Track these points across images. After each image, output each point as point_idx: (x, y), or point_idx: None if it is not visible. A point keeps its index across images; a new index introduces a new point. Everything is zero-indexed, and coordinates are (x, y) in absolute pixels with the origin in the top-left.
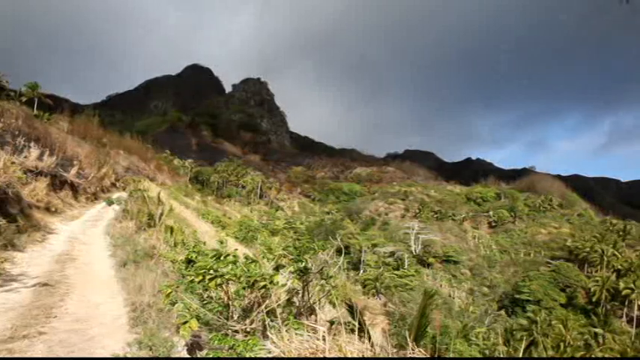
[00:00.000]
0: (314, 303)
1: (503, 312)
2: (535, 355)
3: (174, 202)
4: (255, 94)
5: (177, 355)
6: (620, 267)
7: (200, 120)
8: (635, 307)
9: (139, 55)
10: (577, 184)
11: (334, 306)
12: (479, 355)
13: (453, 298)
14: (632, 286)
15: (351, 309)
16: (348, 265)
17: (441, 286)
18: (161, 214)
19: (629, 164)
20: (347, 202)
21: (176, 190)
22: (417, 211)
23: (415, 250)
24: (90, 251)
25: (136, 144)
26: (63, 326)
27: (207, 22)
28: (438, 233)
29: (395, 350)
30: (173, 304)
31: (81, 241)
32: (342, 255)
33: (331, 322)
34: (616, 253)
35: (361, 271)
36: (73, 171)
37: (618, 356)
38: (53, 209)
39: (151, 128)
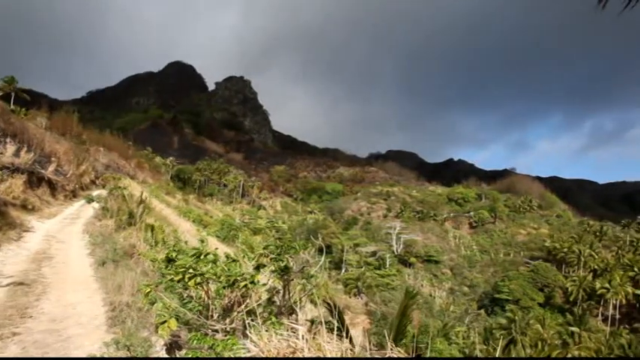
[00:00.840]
0: (295, 302)
1: (482, 311)
2: (514, 354)
3: (155, 201)
4: (238, 92)
5: (155, 355)
6: (596, 267)
7: (182, 117)
8: (610, 306)
9: (119, 51)
10: (555, 185)
11: (316, 305)
12: (458, 354)
13: (434, 297)
14: (607, 285)
15: (332, 308)
16: (330, 265)
17: (422, 285)
18: (141, 213)
19: (607, 166)
20: (329, 202)
21: (157, 189)
22: (399, 211)
23: (397, 250)
24: (68, 250)
25: (116, 141)
26: (38, 326)
27: (190, 18)
28: (419, 233)
29: (375, 349)
30: (152, 303)
31: (58, 239)
32: (324, 254)
33: (312, 322)
34: (593, 253)
35: (343, 270)
36: (51, 168)
37: (594, 355)
38: (30, 207)
39: (132, 125)
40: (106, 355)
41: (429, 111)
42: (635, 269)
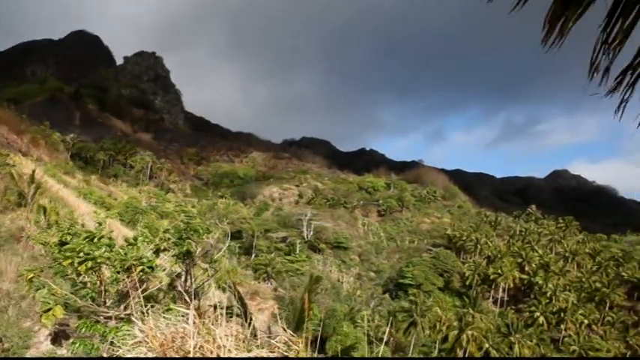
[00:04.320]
0: (198, 287)
1: (387, 296)
2: (414, 336)
3: (51, 181)
4: (149, 68)
5: (38, 345)
6: (490, 254)
7: (85, 92)
8: (500, 290)
9: (14, 12)
10: (458, 178)
11: (224, 291)
12: (363, 337)
13: (342, 282)
14: (499, 271)
15: (235, 293)
16: (240, 250)
17: (330, 271)
18: (33, 193)
19: (513, 160)
20: (241, 187)
21: (54, 167)
22: (311, 198)
23: (307, 236)
24: None
25: (6, 113)
26: None
27: None
28: (329, 220)
29: (268, 334)
30: (38, 290)
31: None
32: (229, 238)
33: (214, 307)
34: (488, 241)
35: (253, 255)
36: None
37: (484, 335)
38: None
39: (26, 97)
40: None
41: (352, 95)
42: (523, 256)
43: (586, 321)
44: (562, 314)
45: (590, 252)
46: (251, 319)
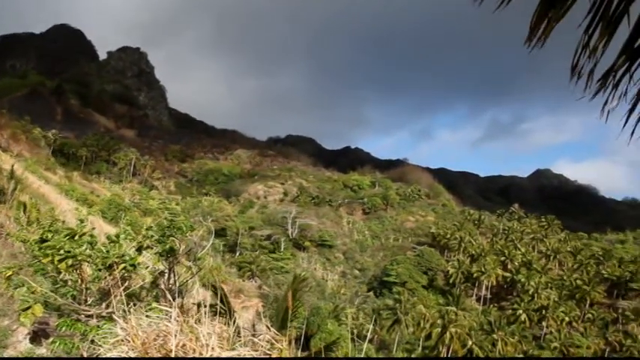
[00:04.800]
0: (181, 285)
1: (371, 293)
2: (398, 333)
3: (32, 177)
4: (133, 64)
5: (17, 344)
6: (473, 252)
7: (67, 87)
8: (483, 288)
9: None
10: (442, 176)
11: (208, 289)
12: (347, 335)
13: (326, 280)
14: (482, 269)
15: (218, 292)
16: (225, 248)
17: (315, 269)
18: (13, 189)
19: (497, 159)
20: (226, 185)
21: (35, 164)
22: (296, 195)
23: (292, 234)
24: None
25: None
26: None
27: None
28: (314, 218)
29: (252, 332)
30: (17, 288)
31: None
32: (212, 236)
33: (198, 305)
34: (471, 240)
35: (237, 253)
36: None
37: (468, 332)
38: None
39: (6, 92)
40: None
41: (338, 93)
42: (506, 254)
43: (567, 318)
44: (544, 311)
45: (571, 250)
46: (235, 317)
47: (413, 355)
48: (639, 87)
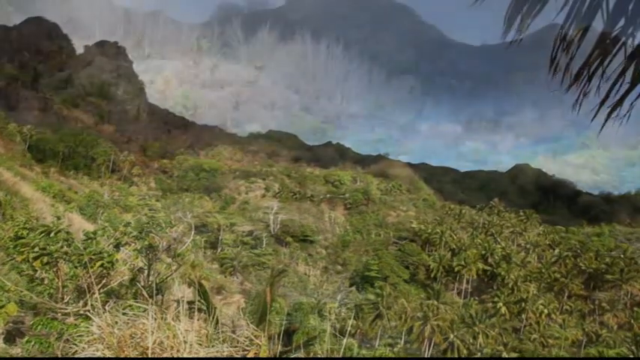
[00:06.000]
0: (161, 282)
1: (354, 288)
2: (380, 327)
3: (7, 173)
4: (112, 58)
5: None
6: (454, 246)
7: (44, 82)
8: (464, 281)
9: None
10: (423, 171)
11: (189, 286)
12: (330, 330)
13: (309, 276)
14: (463, 263)
15: (201, 288)
16: (206, 244)
17: (297, 264)
18: None
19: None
20: (207, 180)
21: (10, 160)
22: (277, 191)
23: (273, 230)
24: None
25: None
26: None
27: None
28: (296, 213)
29: (231, 330)
30: None
31: None
32: (193, 232)
33: (177, 302)
34: (452, 234)
35: (219, 249)
36: None
37: (449, 325)
38: None
39: None
40: None
41: (319, 87)
42: (486, 248)
43: (546, 310)
44: (523, 304)
45: (549, 243)
46: (215, 314)
47: (395, 349)
48: (612, 81)
